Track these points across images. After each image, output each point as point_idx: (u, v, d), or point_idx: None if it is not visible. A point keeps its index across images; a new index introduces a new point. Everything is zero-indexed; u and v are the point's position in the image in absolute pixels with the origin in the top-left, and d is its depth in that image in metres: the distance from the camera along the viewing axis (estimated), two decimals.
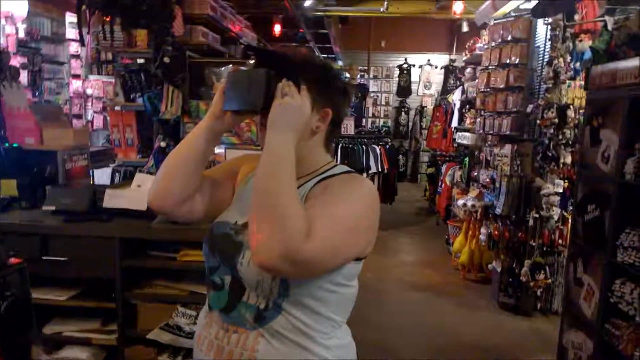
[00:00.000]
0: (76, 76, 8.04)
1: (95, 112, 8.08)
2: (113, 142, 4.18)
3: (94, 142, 7.38)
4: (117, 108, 4.08)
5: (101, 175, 4.07)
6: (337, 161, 1.38)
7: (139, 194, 2.57)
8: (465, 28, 9.49)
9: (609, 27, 3.05)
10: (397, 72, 12.46)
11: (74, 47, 7.95)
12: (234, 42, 5.07)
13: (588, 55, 4.18)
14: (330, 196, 1.17)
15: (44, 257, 2.41)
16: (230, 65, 4.05)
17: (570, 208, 4.29)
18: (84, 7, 2.86)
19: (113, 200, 2.56)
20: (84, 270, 2.47)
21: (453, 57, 11.97)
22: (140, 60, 4.30)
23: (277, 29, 9.42)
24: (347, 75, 10.39)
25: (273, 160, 1.11)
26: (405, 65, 12.35)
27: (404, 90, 12.42)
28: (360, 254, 1.21)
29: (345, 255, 1.16)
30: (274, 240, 1.02)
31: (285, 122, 1.13)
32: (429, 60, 12.28)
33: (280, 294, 1.17)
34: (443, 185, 7.45)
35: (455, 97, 7.95)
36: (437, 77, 12.26)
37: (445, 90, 11.40)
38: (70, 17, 7.55)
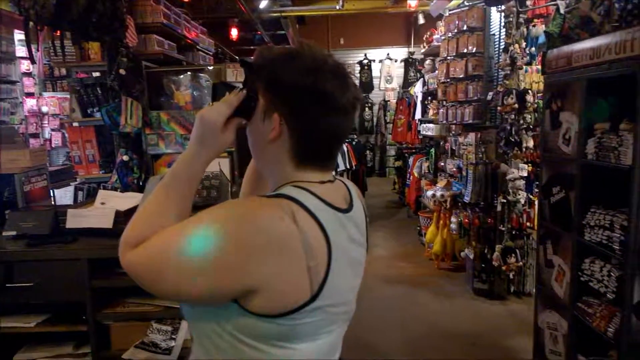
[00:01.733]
0: (30, 94, 7.84)
1: (52, 130, 7.90)
2: (73, 160, 4.08)
3: (54, 161, 7.21)
4: (75, 124, 3.99)
5: (64, 195, 3.96)
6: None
7: (103, 211, 2.50)
8: (421, 20, 9.61)
9: (561, 11, 3.10)
10: (357, 68, 12.51)
11: (25, 65, 7.75)
12: (191, 49, 5.01)
13: (542, 39, 4.27)
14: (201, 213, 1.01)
15: (9, 285, 2.33)
16: (189, 73, 3.99)
17: (536, 191, 4.37)
18: (31, 23, 2.75)
19: (76, 220, 2.48)
20: (52, 294, 2.39)
21: (412, 49, 12.09)
22: (96, 74, 4.21)
23: (234, 32, 9.37)
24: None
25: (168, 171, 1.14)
26: (365, 61, 12.42)
27: (366, 85, 12.47)
28: (238, 298, 0.94)
29: (174, 279, 0.98)
30: None
31: (194, 134, 1.10)
32: (388, 54, 12.36)
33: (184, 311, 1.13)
34: (411, 177, 7.51)
35: (417, 90, 8.01)
36: (398, 71, 12.35)
37: (407, 83, 11.51)
38: (19, 35, 7.35)
